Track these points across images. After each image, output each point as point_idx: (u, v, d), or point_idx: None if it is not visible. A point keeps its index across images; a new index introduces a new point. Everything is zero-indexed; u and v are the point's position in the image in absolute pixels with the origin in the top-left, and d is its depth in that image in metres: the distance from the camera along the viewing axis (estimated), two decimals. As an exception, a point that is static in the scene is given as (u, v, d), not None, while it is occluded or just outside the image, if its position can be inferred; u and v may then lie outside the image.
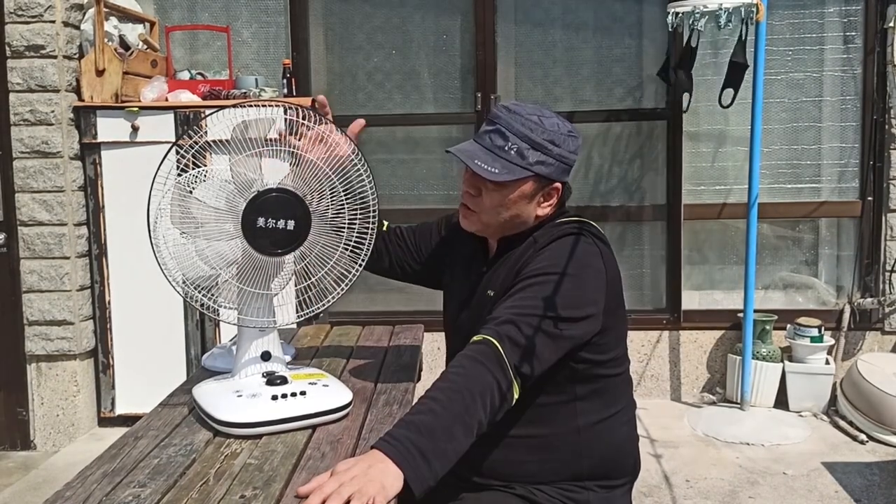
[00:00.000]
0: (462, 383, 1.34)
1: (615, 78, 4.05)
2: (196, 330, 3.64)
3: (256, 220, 1.45)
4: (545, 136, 1.51)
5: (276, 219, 1.45)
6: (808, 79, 3.96)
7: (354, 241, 1.54)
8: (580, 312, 1.47)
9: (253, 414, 1.46)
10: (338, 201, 1.51)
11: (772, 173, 3.99)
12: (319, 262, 1.53)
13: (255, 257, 1.48)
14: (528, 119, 1.51)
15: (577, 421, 1.55)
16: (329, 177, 1.49)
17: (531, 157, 1.51)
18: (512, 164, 1.50)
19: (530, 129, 1.51)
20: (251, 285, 1.51)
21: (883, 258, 3.88)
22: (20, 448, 3.66)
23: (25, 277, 3.59)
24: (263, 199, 1.45)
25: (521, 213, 1.57)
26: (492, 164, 1.51)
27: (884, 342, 3.93)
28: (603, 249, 1.56)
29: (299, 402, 1.49)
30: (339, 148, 1.51)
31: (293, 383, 1.52)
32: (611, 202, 4.08)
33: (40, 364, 3.65)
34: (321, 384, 1.55)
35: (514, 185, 1.53)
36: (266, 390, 1.49)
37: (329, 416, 1.51)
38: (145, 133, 3.54)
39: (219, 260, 1.49)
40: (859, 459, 3.31)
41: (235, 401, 1.49)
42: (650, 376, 4.02)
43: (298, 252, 1.50)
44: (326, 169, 1.49)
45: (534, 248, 1.56)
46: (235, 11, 4.09)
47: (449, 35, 4.08)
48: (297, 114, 1.50)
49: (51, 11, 3.49)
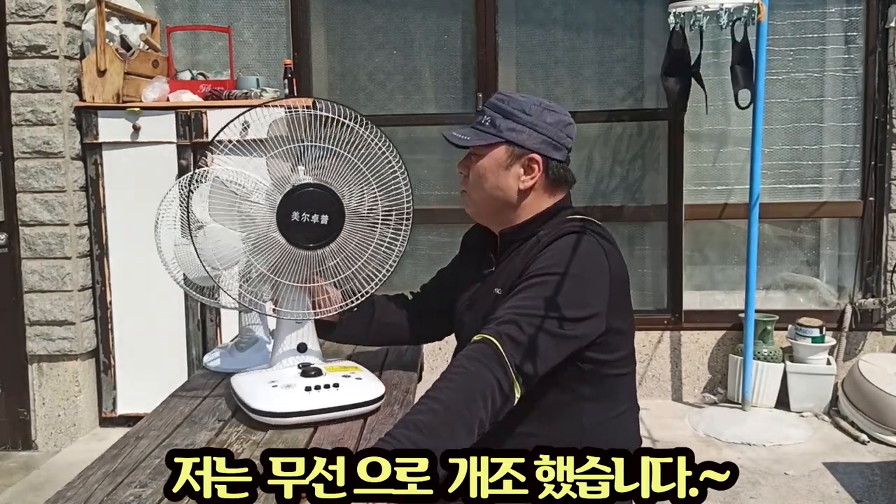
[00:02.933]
0: (463, 382, 1.35)
1: (616, 78, 4.05)
2: (197, 330, 3.64)
3: (291, 214, 1.49)
4: (516, 106, 1.60)
5: (311, 213, 1.49)
6: (809, 79, 3.96)
7: (389, 238, 1.58)
8: (583, 312, 1.47)
9: (286, 404, 1.49)
10: (371, 197, 1.55)
11: (773, 173, 3.99)
12: (353, 257, 1.57)
13: (291, 251, 1.51)
14: (506, 95, 1.63)
15: (582, 420, 1.55)
16: (363, 172, 1.53)
17: (502, 125, 1.60)
18: (483, 133, 1.61)
19: (503, 102, 1.61)
20: (287, 278, 1.54)
21: (884, 258, 3.88)
22: (21, 448, 3.66)
23: (27, 278, 3.59)
24: (299, 194, 1.49)
25: (501, 184, 1.61)
26: (466, 134, 1.62)
27: (885, 342, 3.93)
28: (607, 248, 1.55)
29: (332, 393, 1.52)
30: None
31: (327, 375, 1.55)
32: (612, 202, 4.08)
33: (42, 364, 3.66)
34: (354, 377, 1.59)
35: (487, 152, 1.61)
36: (301, 381, 1.53)
37: (361, 408, 1.54)
38: (146, 133, 3.54)
39: (256, 253, 1.53)
40: (861, 460, 3.30)
41: (271, 391, 1.52)
42: (651, 376, 4.02)
43: (335, 247, 1.53)
44: (360, 164, 1.53)
45: (538, 247, 1.56)
46: (237, 11, 4.09)
47: (450, 35, 4.08)
48: (337, 111, 1.53)
49: (52, 12, 3.49)
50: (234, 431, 1.52)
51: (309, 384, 1.52)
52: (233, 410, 1.64)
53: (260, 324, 1.99)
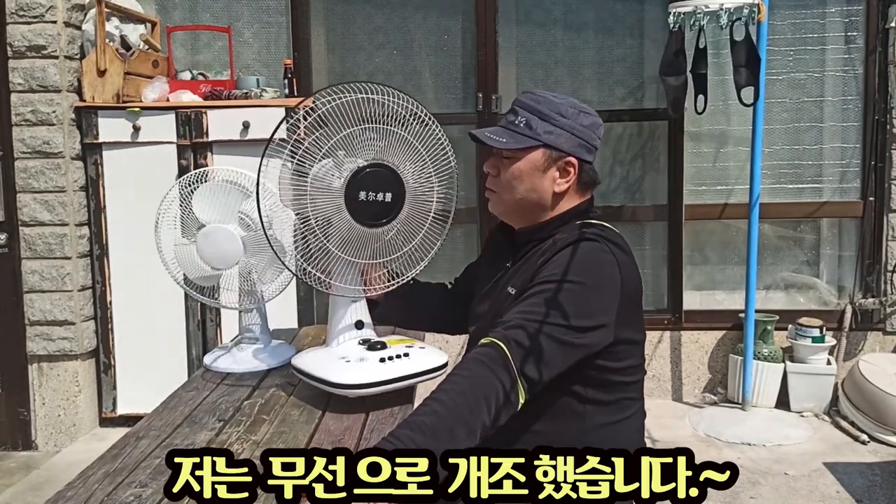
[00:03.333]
0: (466, 385, 1.35)
1: (616, 78, 4.05)
2: (197, 330, 3.64)
3: (358, 194, 1.57)
4: (552, 108, 1.58)
5: (376, 192, 1.58)
6: (809, 79, 3.96)
7: (440, 213, 1.69)
8: (591, 322, 1.46)
9: (367, 376, 1.59)
10: (426, 174, 1.65)
11: (773, 173, 3.99)
12: (411, 234, 1.67)
13: (355, 230, 1.59)
14: (540, 96, 1.60)
15: (584, 422, 1.55)
16: (419, 151, 1.63)
17: (539, 128, 1.57)
18: (520, 135, 1.58)
19: (538, 103, 1.59)
20: (352, 255, 1.63)
21: (884, 258, 3.88)
22: (22, 448, 3.66)
23: (27, 278, 3.59)
24: (364, 174, 1.57)
25: (536, 187, 1.60)
26: (501, 136, 1.59)
27: (885, 342, 3.93)
28: (621, 258, 1.54)
29: (404, 363, 1.63)
30: None
31: (392, 348, 1.66)
32: (612, 202, 4.08)
33: (42, 364, 3.66)
34: (417, 347, 1.69)
35: (524, 155, 1.59)
36: (371, 355, 1.63)
37: (431, 374, 1.66)
38: (147, 133, 3.54)
39: (328, 229, 1.60)
40: (861, 460, 3.31)
41: (345, 365, 1.61)
42: (651, 376, 4.01)
43: (397, 224, 1.63)
44: (416, 143, 1.62)
45: (552, 251, 1.55)
46: (237, 12, 4.09)
47: (450, 35, 4.08)
48: (403, 101, 1.60)
49: (52, 12, 3.49)
50: (233, 431, 1.52)
51: (382, 356, 1.62)
52: (234, 410, 1.64)
53: (260, 324, 1.99)
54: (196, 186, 1.93)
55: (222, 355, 1.97)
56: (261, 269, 1.91)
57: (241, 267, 1.93)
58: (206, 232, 1.89)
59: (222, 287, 2.00)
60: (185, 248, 1.94)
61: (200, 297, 2.02)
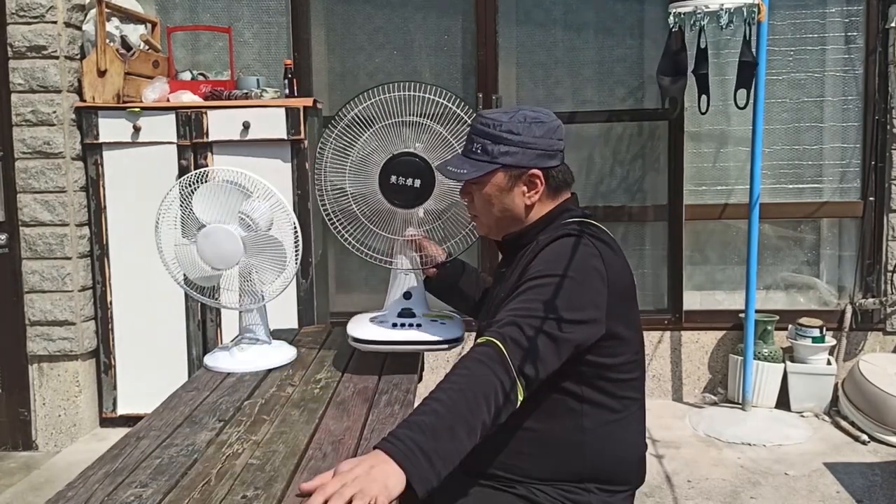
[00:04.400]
0: (465, 384, 1.35)
1: (616, 78, 4.05)
2: (197, 330, 3.64)
3: (390, 177, 1.81)
4: (503, 129, 1.61)
5: (406, 177, 1.81)
6: (809, 79, 3.96)
7: None
8: (581, 315, 1.47)
9: (375, 335, 1.85)
10: None
11: (773, 173, 3.99)
12: (440, 217, 1.91)
13: (390, 210, 1.84)
14: (489, 118, 1.63)
15: (582, 422, 1.55)
16: (450, 143, 1.82)
17: (494, 150, 1.61)
18: (478, 162, 1.63)
19: (489, 126, 1.62)
20: (395, 234, 1.90)
21: (884, 258, 3.88)
22: (22, 448, 3.66)
23: (27, 278, 3.60)
24: (398, 161, 1.81)
25: (508, 205, 1.65)
26: (461, 166, 1.64)
27: (885, 342, 3.93)
28: (603, 250, 1.55)
29: (414, 331, 1.86)
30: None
31: (418, 318, 1.89)
32: (612, 202, 4.08)
33: (42, 364, 3.66)
34: (440, 322, 1.89)
35: (488, 180, 1.63)
36: (394, 320, 1.89)
37: (439, 345, 1.86)
38: (147, 134, 3.54)
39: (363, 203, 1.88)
40: (861, 460, 3.31)
41: (368, 324, 1.90)
42: (652, 377, 4.02)
43: (429, 208, 1.86)
44: (448, 136, 1.81)
45: (535, 251, 1.58)
46: (237, 12, 4.09)
47: (450, 35, 4.08)
48: (430, 91, 1.82)
49: (52, 12, 3.49)
50: (234, 431, 1.52)
51: (397, 322, 1.88)
52: (234, 410, 1.64)
53: (261, 324, 1.99)
54: (196, 186, 1.93)
55: (223, 356, 1.97)
56: (261, 270, 1.92)
57: (241, 267, 1.93)
58: (207, 232, 1.90)
59: (222, 287, 2.00)
60: (186, 248, 1.95)
61: (201, 297, 2.02)
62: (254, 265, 1.92)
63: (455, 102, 1.81)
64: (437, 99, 1.81)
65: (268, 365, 1.93)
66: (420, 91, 1.80)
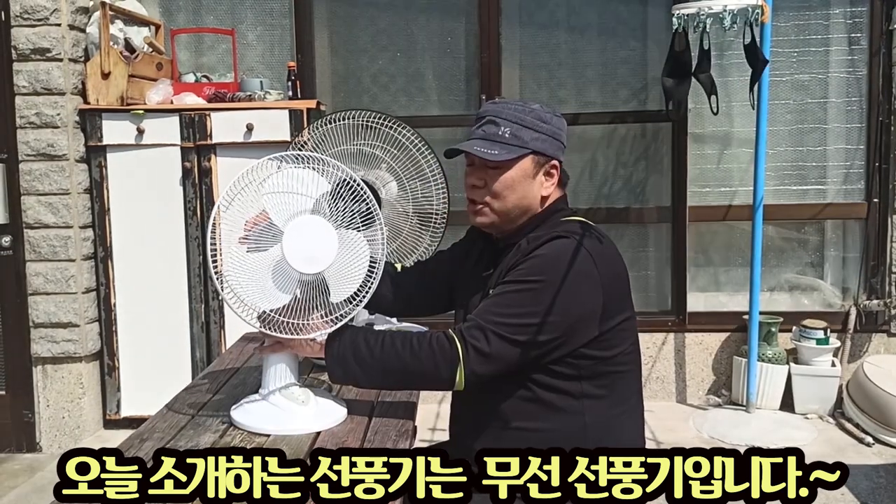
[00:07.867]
0: (408, 357, 1.52)
1: (620, 80, 4.04)
2: (201, 332, 3.64)
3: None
4: (534, 116, 1.63)
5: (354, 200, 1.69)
6: (813, 80, 3.95)
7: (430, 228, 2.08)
8: (559, 320, 1.50)
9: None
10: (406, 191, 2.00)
11: (777, 175, 3.98)
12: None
13: None
14: (514, 105, 1.65)
15: (584, 417, 1.56)
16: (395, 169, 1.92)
17: (525, 136, 1.61)
18: (509, 145, 1.61)
19: (518, 112, 1.63)
20: None
21: (889, 260, 3.87)
22: (26, 450, 3.66)
23: (31, 280, 3.60)
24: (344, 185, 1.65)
25: (527, 194, 1.65)
26: (490, 148, 1.61)
27: (890, 344, 3.92)
28: (596, 253, 1.56)
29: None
30: None
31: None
32: (616, 204, 4.07)
33: (46, 366, 3.66)
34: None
35: (514, 164, 1.62)
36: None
37: None
38: (150, 136, 3.55)
39: None
40: (865, 462, 3.30)
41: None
42: (656, 378, 4.01)
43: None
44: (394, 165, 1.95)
45: (524, 252, 1.59)
46: (240, 14, 4.10)
47: (453, 37, 4.08)
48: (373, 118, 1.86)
49: (56, 15, 3.50)
50: (237, 433, 1.52)
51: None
52: (237, 412, 1.64)
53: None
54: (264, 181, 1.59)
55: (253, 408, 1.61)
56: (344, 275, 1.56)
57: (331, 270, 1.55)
58: (298, 224, 1.53)
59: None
60: (256, 258, 1.54)
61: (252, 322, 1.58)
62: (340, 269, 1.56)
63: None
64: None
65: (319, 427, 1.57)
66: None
